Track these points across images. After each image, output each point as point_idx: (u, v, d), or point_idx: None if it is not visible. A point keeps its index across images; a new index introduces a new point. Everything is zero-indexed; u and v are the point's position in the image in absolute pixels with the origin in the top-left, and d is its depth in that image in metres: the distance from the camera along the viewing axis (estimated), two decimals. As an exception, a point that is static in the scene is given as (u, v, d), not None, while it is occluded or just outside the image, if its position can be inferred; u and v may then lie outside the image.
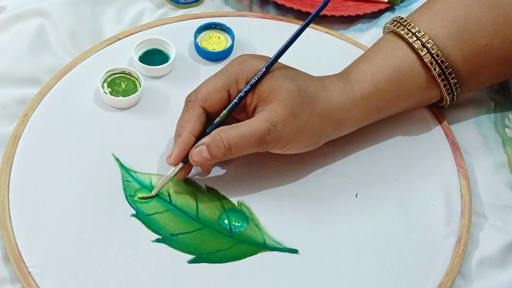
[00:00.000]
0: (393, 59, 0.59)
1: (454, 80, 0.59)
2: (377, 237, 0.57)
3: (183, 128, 0.57)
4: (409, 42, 0.59)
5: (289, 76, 0.57)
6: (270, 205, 0.59)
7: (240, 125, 0.55)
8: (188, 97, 0.58)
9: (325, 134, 0.58)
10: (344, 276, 0.55)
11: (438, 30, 0.59)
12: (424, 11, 0.61)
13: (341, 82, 0.58)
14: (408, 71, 0.59)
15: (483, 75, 0.61)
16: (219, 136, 0.55)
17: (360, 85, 0.58)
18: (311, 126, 0.56)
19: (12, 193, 0.57)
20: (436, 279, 0.55)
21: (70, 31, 0.69)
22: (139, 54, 0.67)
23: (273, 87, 0.55)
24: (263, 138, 0.55)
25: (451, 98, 0.61)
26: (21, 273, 0.53)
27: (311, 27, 0.72)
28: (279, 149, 0.57)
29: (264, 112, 0.55)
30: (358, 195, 0.60)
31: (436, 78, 0.59)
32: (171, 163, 0.57)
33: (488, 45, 0.59)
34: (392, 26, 0.61)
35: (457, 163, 0.62)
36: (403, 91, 0.59)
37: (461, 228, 0.58)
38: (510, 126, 0.66)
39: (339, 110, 0.57)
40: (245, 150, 0.56)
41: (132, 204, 0.58)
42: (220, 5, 0.75)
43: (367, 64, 0.60)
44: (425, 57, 0.58)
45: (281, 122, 0.55)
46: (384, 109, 0.60)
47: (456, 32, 0.59)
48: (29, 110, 0.62)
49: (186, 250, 0.56)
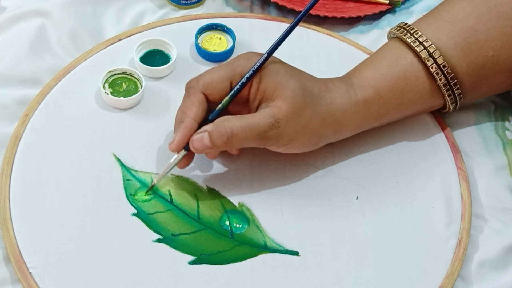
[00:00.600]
0: (397, 67, 0.59)
1: (458, 90, 0.59)
2: (378, 239, 0.57)
3: (185, 114, 0.56)
4: (416, 51, 0.58)
5: (294, 76, 0.56)
6: (271, 206, 0.59)
7: (244, 116, 0.55)
8: (189, 83, 0.57)
9: (325, 136, 0.58)
10: (344, 279, 0.55)
11: (445, 40, 0.58)
12: (431, 19, 0.60)
13: (343, 85, 0.58)
14: (412, 80, 0.59)
15: (488, 85, 0.61)
16: (223, 123, 0.55)
17: (362, 90, 0.58)
18: (312, 127, 0.56)
19: (13, 194, 0.57)
20: (436, 281, 0.55)
21: (71, 32, 0.69)
22: (140, 55, 0.67)
23: (278, 84, 0.55)
24: (266, 133, 0.54)
25: (454, 106, 0.61)
26: (22, 274, 0.53)
27: (312, 28, 0.72)
28: (279, 147, 0.57)
29: (268, 108, 0.55)
30: (358, 198, 0.60)
31: (441, 88, 0.59)
32: (173, 149, 0.56)
33: (495, 56, 0.59)
34: (399, 33, 0.60)
35: (457, 165, 0.62)
36: (406, 99, 0.59)
37: (462, 230, 0.58)
38: (510, 128, 0.66)
39: (341, 113, 0.57)
40: (246, 142, 0.55)
41: (133, 203, 0.58)
42: (221, 6, 0.75)
43: (371, 70, 0.59)
44: (431, 67, 0.58)
45: (285, 119, 0.55)
46: (386, 116, 0.60)
47: (463, 43, 0.58)
48: (30, 111, 0.62)
49: (186, 251, 0.56)
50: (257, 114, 0.55)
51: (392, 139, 0.64)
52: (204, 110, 0.57)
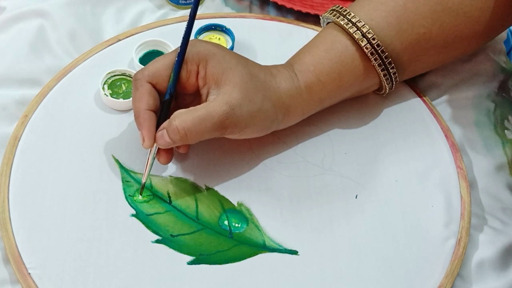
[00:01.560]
0: (333, 51, 0.60)
1: (393, 69, 0.60)
2: (377, 238, 0.57)
3: (138, 108, 0.56)
4: (350, 32, 0.59)
5: (241, 61, 0.57)
6: (270, 205, 0.59)
7: (196, 108, 0.55)
8: (135, 76, 0.57)
9: (277, 120, 0.58)
10: (343, 278, 0.55)
11: (378, 21, 0.59)
12: (364, 1, 0.61)
13: (286, 70, 0.59)
14: (348, 63, 0.60)
15: (421, 62, 0.63)
16: (173, 122, 0.54)
17: (303, 75, 0.59)
18: (265, 111, 0.56)
19: (12, 194, 0.57)
20: (435, 281, 0.55)
21: (70, 32, 0.69)
22: (139, 56, 0.67)
23: (225, 69, 0.55)
24: (222, 123, 0.54)
25: (390, 86, 0.62)
26: (21, 275, 0.53)
27: (311, 28, 0.72)
28: (235, 133, 0.56)
29: (220, 96, 0.55)
30: (358, 197, 0.60)
31: (376, 68, 0.60)
32: (147, 146, 0.56)
33: (426, 33, 0.60)
34: (332, 16, 0.61)
35: (456, 165, 0.62)
36: (344, 82, 0.60)
37: (461, 230, 0.58)
38: (509, 128, 0.66)
39: (287, 97, 0.58)
40: (203, 135, 0.55)
41: (132, 204, 0.58)
42: (220, 6, 0.75)
43: (309, 55, 0.60)
44: (365, 47, 0.59)
45: (238, 105, 0.55)
46: (327, 99, 0.61)
47: (395, 22, 0.60)
48: (29, 111, 0.62)
49: (185, 251, 0.56)
50: (210, 104, 0.55)
51: (391, 138, 0.64)
52: (156, 99, 0.56)
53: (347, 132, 0.64)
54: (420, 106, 0.66)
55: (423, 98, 0.67)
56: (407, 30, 0.60)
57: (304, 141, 0.63)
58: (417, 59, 0.62)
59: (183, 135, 0.54)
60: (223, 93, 0.55)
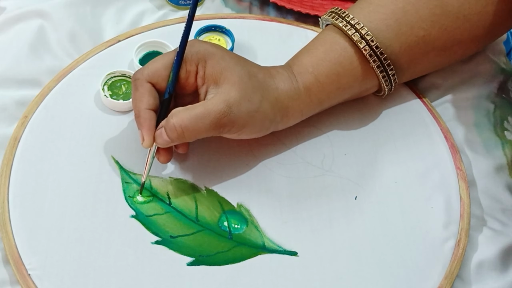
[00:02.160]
0: (332, 53, 0.60)
1: (392, 71, 0.61)
2: (376, 239, 0.57)
3: (138, 108, 0.56)
4: (348, 34, 0.59)
5: (239, 62, 0.57)
6: (270, 207, 0.59)
7: (194, 106, 0.55)
8: (134, 75, 0.57)
9: (275, 121, 0.59)
10: (343, 279, 0.55)
11: (377, 23, 0.60)
12: (363, 4, 0.61)
13: (285, 72, 0.59)
14: (347, 64, 0.60)
15: (421, 65, 0.63)
16: (170, 120, 0.55)
17: (302, 77, 0.59)
18: (264, 111, 0.57)
19: (12, 195, 0.57)
20: (435, 282, 0.55)
21: (70, 32, 0.69)
22: (139, 57, 0.67)
23: (224, 69, 0.56)
24: (219, 121, 0.54)
25: (389, 88, 0.62)
26: (20, 276, 0.53)
27: (310, 29, 0.72)
28: (233, 133, 0.56)
29: (218, 94, 0.55)
30: (357, 198, 0.60)
31: (375, 70, 0.60)
32: (147, 145, 0.56)
33: (426, 35, 0.60)
34: (331, 18, 0.61)
35: (456, 166, 0.62)
36: (342, 83, 0.60)
37: (460, 231, 0.58)
38: (509, 129, 0.66)
39: (286, 98, 0.58)
40: (200, 133, 0.55)
41: (132, 205, 0.58)
42: (219, 7, 0.75)
43: (308, 56, 0.60)
44: (364, 49, 0.59)
45: (236, 104, 0.55)
46: (326, 101, 0.61)
47: (395, 24, 0.60)
48: (29, 112, 0.63)
49: (185, 252, 0.56)
50: (208, 102, 0.55)
51: (391, 139, 0.64)
52: (156, 98, 0.57)
53: (346, 133, 0.64)
54: (419, 107, 0.66)
55: (422, 99, 0.67)
56: (406, 32, 0.60)
57: (304, 142, 0.63)
58: (416, 61, 0.62)
59: (180, 132, 0.54)
60: (221, 92, 0.55)
